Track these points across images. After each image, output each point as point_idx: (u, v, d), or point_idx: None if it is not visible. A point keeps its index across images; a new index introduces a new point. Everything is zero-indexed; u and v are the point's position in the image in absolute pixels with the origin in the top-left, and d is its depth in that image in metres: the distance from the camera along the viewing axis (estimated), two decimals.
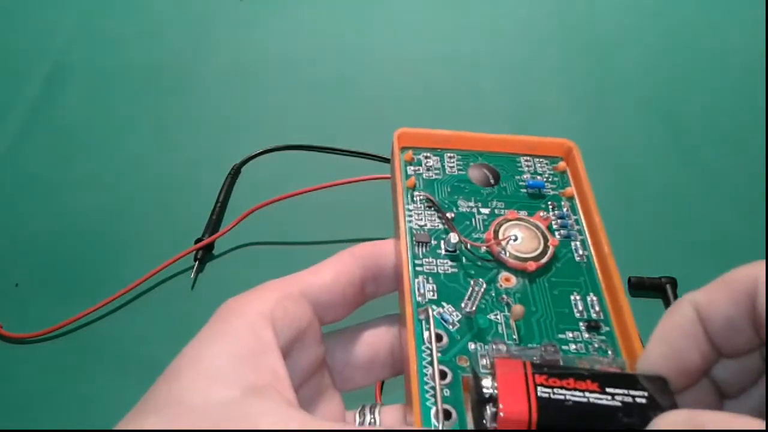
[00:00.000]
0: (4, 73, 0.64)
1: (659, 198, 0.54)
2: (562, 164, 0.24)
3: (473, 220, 0.23)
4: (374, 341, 0.23)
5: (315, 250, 0.50)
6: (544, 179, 0.24)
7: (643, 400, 0.16)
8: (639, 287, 0.46)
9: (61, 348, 0.44)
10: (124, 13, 0.72)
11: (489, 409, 0.16)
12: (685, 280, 0.46)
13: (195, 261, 0.48)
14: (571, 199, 0.24)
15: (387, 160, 0.43)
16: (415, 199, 0.23)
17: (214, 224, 0.50)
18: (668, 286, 0.45)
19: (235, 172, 0.55)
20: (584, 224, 0.23)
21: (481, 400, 0.17)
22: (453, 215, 0.23)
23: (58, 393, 0.42)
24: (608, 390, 0.16)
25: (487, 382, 0.17)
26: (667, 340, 0.17)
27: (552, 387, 0.16)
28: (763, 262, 0.17)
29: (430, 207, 0.23)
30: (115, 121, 0.60)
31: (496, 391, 0.16)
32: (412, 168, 0.24)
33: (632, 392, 0.16)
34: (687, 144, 0.58)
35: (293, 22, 0.71)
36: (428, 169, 0.24)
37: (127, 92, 0.63)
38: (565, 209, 0.23)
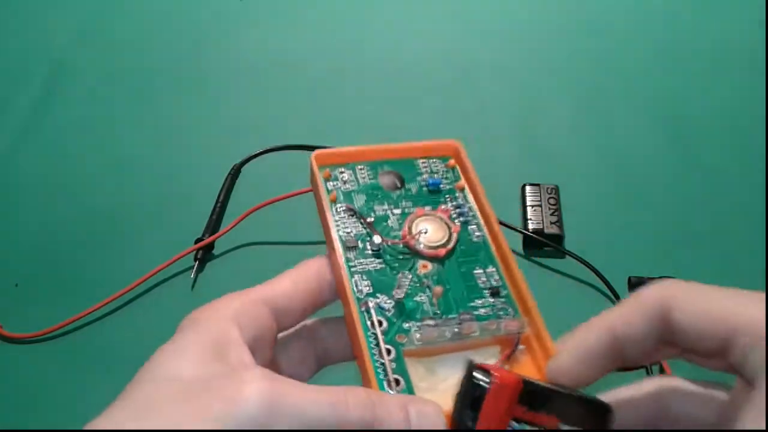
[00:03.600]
0: (4, 73, 0.64)
1: (659, 198, 0.54)
2: (451, 161, 0.29)
3: (389, 221, 0.27)
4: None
5: (314, 250, 0.49)
6: (440, 176, 0.28)
7: None
8: (639, 287, 0.45)
9: (61, 348, 0.44)
10: (124, 13, 0.72)
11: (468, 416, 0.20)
12: (685, 279, 0.46)
13: (195, 261, 0.48)
14: (463, 190, 0.28)
15: None
16: (338, 210, 0.26)
17: (214, 224, 0.50)
18: None
19: (235, 172, 0.55)
20: (476, 210, 0.27)
21: (468, 394, 0.20)
22: (372, 219, 0.26)
23: (58, 393, 0.42)
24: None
25: (479, 375, 0.20)
26: (585, 361, 0.21)
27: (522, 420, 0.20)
28: (670, 282, 0.21)
29: (352, 215, 0.26)
30: (115, 121, 0.60)
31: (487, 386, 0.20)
32: (331, 183, 0.27)
33: None
34: (687, 144, 0.58)
35: (293, 22, 0.71)
36: (344, 183, 0.27)
37: (127, 92, 0.63)
38: (459, 199, 0.28)
